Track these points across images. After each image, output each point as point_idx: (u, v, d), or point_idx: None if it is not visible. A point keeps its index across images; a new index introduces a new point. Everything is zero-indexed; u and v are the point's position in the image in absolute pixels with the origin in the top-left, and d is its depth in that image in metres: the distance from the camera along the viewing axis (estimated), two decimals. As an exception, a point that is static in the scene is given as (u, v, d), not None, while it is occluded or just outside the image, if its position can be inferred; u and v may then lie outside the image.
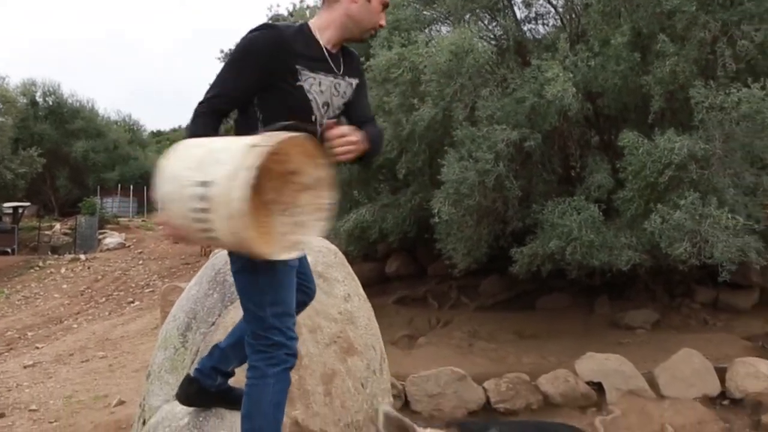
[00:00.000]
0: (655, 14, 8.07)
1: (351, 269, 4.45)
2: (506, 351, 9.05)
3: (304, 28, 2.72)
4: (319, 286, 4.01)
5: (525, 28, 10.28)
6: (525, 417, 6.95)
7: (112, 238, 25.69)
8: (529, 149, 8.32)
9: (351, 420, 3.75)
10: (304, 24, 2.75)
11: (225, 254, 3.19)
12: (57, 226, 27.57)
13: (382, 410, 3.78)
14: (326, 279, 4.11)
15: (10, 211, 27.67)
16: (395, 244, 11.78)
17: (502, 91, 8.60)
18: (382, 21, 2.83)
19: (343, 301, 4.08)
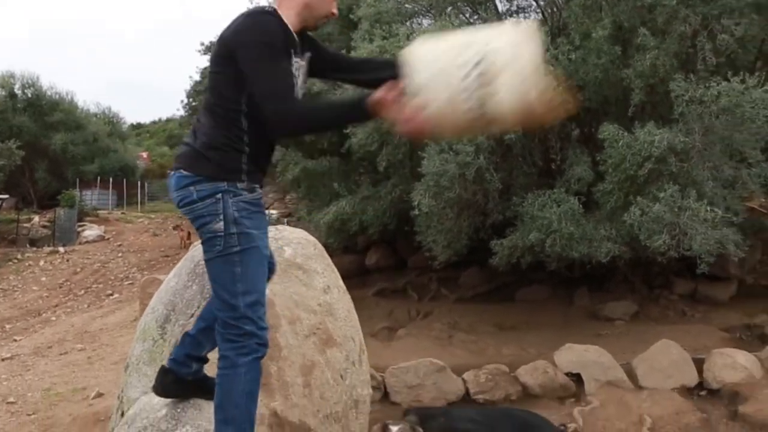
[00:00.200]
0: (636, 8, 8.13)
1: (331, 261, 4.48)
2: (486, 343, 9.11)
3: (278, 14, 2.80)
4: (299, 278, 4.06)
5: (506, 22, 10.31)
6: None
7: (92, 231, 25.56)
8: (510, 142, 8.37)
9: (330, 411, 3.78)
10: (275, 10, 2.83)
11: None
12: (36, 219, 27.35)
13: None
14: (306, 271, 4.14)
15: (-11, 204, 27.42)
16: (375, 237, 11.82)
17: (484, 83, 8.60)
18: (335, 9, 2.93)
19: (323, 293, 4.11)
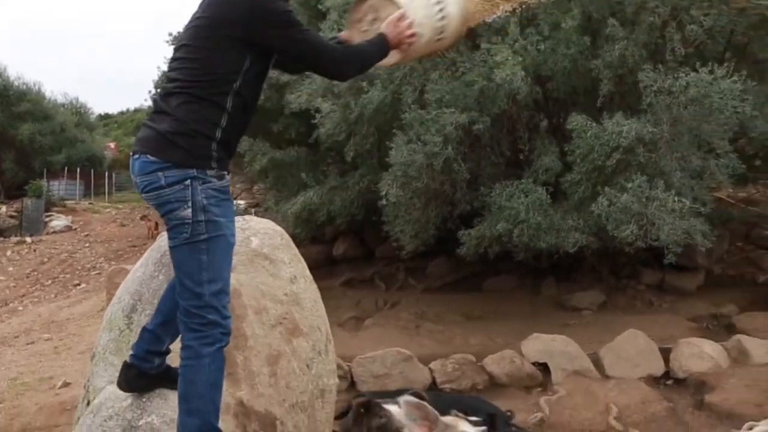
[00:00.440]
0: (606, -2, 8.22)
1: (297, 251, 4.51)
2: (453, 332, 9.20)
3: None
4: (265, 268, 4.10)
5: (476, 12, 10.34)
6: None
7: (59, 221, 25.36)
8: (478, 132, 8.42)
9: (296, 401, 3.83)
10: None
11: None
12: (3, 209, 27.00)
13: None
14: (272, 261, 4.16)
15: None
16: (343, 227, 11.86)
17: (452, 75, 8.66)
18: None
19: (289, 283, 4.15)
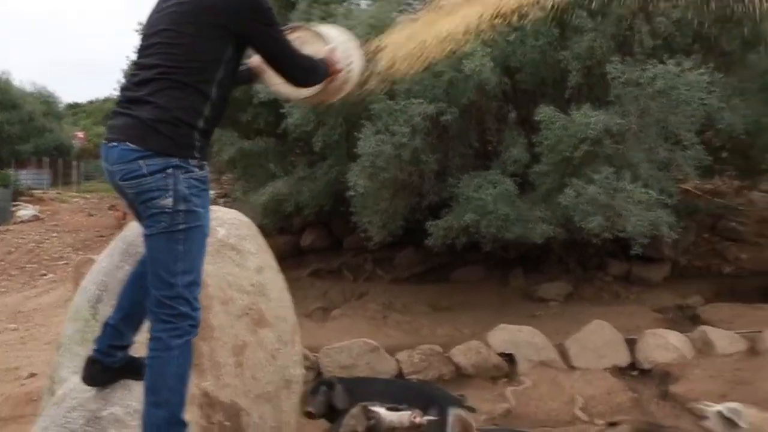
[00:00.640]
0: (574, -11, 8.28)
1: (264, 241, 4.54)
2: (420, 323, 9.25)
3: None
4: (232, 259, 4.13)
5: (445, 3, 10.38)
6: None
7: (26, 211, 25.14)
8: (446, 123, 8.46)
9: (262, 391, 3.87)
10: None
11: (137, 227, 3.24)
12: (-30, 199, 26.74)
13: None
14: (239, 251, 4.19)
15: None
16: (311, 218, 11.86)
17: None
18: None
19: (256, 274, 4.18)
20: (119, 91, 3.04)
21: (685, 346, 7.56)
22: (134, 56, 3.05)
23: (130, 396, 3.10)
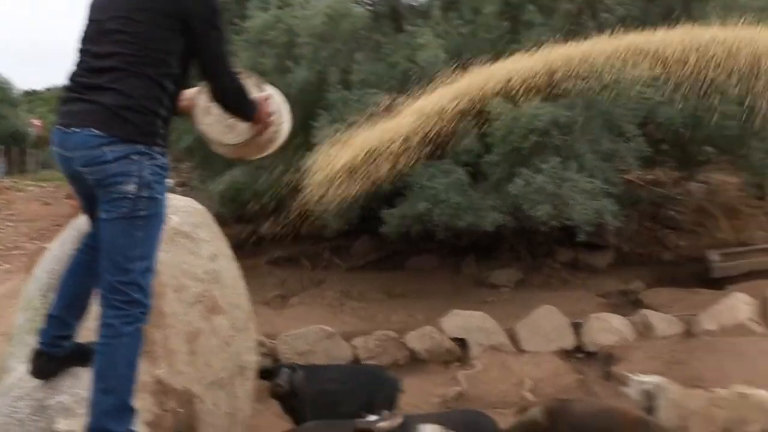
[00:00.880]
0: (525, -15, 8.26)
1: (218, 229, 4.43)
2: (376, 310, 9.19)
3: None
4: (185, 246, 3.99)
5: (400, -5, 10.31)
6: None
7: (-20, 200, 24.48)
8: (401, 113, 8.38)
9: (215, 378, 3.77)
10: None
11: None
12: (-77, 187, 26.01)
13: None
14: (192, 239, 4.07)
15: None
16: (269, 206, 11.69)
17: (376, 56, 8.63)
18: None
19: (209, 261, 4.06)
20: (69, 79, 2.87)
21: (627, 329, 7.63)
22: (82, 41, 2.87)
23: (78, 384, 2.97)
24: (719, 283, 9.15)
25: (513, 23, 8.43)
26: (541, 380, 6.94)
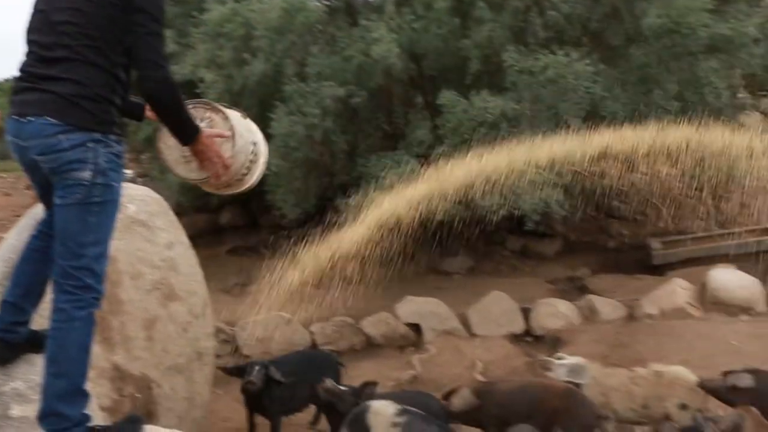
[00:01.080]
0: (475, -18, 8.27)
1: (175, 218, 4.35)
2: (333, 297, 9.15)
3: None
4: (141, 234, 3.91)
5: (355, -11, 10.27)
6: (348, 357, 7.07)
7: (-62, 191, 23.85)
8: (356, 105, 8.40)
9: (173, 363, 3.71)
10: None
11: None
12: None
13: None
14: (149, 227, 3.99)
15: None
16: (228, 196, 11.55)
17: (331, 49, 8.59)
18: None
19: (166, 249, 3.99)
20: (20, 69, 2.77)
21: (574, 314, 7.75)
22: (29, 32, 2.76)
23: (33, 370, 2.88)
24: (660, 270, 9.33)
25: (464, 19, 8.45)
26: (492, 363, 6.98)
